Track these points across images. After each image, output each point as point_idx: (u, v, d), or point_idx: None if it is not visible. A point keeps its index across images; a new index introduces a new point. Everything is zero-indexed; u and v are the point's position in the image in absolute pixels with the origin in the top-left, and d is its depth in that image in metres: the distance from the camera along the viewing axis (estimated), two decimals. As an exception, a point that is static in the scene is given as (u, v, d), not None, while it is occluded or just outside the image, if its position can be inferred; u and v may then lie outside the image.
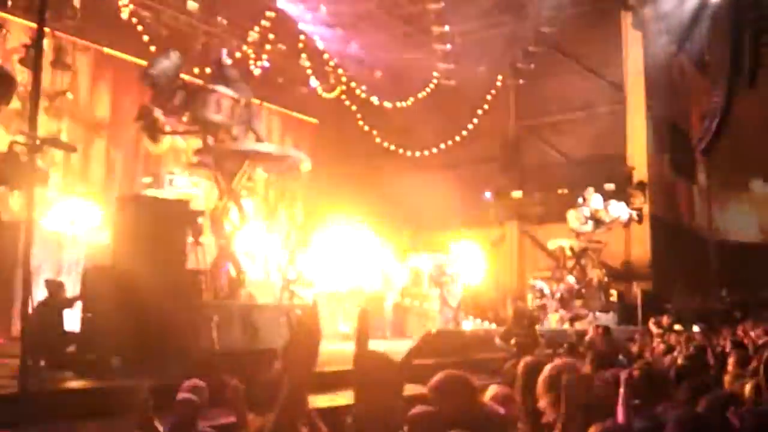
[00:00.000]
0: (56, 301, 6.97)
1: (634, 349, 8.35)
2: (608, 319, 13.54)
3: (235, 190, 8.18)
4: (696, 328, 9.27)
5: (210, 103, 8.20)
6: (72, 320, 7.88)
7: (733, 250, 19.02)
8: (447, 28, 16.40)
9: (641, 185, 16.73)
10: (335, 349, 9.19)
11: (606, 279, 14.98)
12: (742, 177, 21.19)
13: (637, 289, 15.26)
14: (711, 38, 19.39)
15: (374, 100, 17.90)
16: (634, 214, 15.24)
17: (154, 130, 8.55)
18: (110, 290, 6.51)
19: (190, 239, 7.36)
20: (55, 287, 7.04)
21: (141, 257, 6.55)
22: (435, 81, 17.97)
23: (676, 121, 19.59)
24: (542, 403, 3.14)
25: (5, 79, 6.17)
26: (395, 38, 18.94)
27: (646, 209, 16.49)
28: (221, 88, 8.44)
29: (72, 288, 8.37)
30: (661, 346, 7.97)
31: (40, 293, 6.85)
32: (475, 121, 18.82)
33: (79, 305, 7.22)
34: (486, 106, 18.86)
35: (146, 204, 7.93)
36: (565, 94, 18.82)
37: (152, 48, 14.15)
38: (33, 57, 6.33)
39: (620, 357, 7.53)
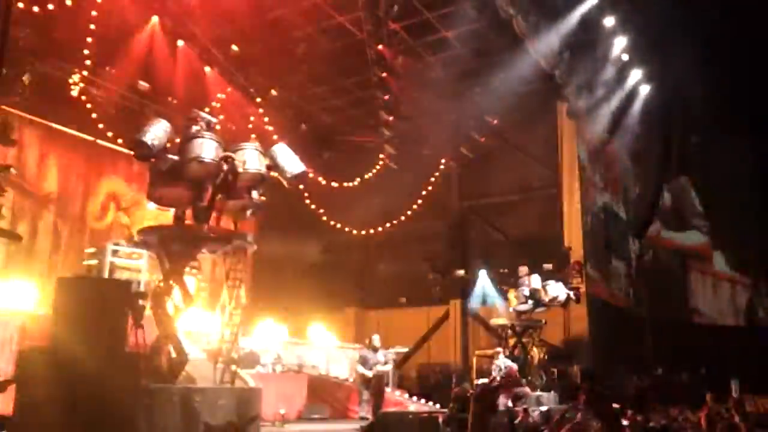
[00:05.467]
0: (-12, 384, 6.76)
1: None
2: (550, 398, 13.71)
3: (179, 271, 8.16)
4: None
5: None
6: (5, 404, 7.64)
7: (666, 329, 19.73)
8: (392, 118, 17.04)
9: (578, 265, 17.35)
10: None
11: (546, 358, 15.21)
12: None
13: (576, 369, 15.56)
14: (642, 129, 20.74)
15: (321, 180, 18.28)
16: (572, 293, 15.62)
17: None
18: (46, 373, 6.37)
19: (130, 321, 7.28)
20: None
21: (79, 339, 6.47)
22: (381, 163, 18.52)
23: (611, 203, 20.55)
24: None
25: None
26: (344, 121, 19.61)
27: (583, 288, 17.02)
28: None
29: (5, 368, 8.13)
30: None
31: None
32: (420, 201, 19.38)
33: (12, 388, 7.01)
34: (430, 187, 19.48)
35: (86, 285, 7.84)
36: (505, 176, 19.70)
37: (100, 126, 14.30)
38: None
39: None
